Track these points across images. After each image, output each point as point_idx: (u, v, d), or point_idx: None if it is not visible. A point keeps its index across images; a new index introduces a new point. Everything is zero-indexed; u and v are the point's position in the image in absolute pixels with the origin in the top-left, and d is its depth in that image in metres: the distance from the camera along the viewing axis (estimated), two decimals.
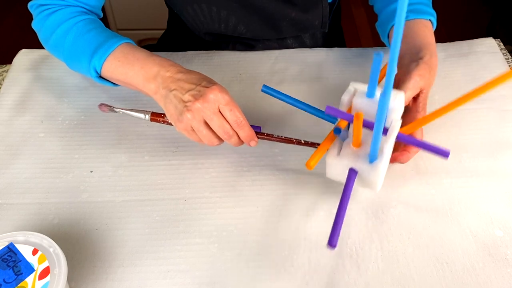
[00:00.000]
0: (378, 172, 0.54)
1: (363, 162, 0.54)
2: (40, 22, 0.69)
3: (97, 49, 0.63)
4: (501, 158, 0.66)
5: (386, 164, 0.55)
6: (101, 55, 0.63)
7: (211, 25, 0.82)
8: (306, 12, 0.79)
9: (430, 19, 0.70)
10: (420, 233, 0.59)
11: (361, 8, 2.24)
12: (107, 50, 0.63)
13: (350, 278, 0.55)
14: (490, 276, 0.55)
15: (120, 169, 0.66)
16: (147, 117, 0.65)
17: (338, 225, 0.51)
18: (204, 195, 0.63)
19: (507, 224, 0.59)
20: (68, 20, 0.67)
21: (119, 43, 0.64)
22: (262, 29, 0.82)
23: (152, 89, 0.61)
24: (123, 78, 0.63)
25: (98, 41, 0.64)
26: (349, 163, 0.54)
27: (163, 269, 0.56)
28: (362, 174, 0.55)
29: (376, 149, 0.52)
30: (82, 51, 0.65)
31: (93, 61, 0.64)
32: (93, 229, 0.60)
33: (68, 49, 0.66)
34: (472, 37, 0.86)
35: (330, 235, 0.50)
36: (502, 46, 0.83)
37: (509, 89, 0.75)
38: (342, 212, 0.52)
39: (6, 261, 0.50)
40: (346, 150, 0.56)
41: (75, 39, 0.66)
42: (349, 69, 0.80)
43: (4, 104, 0.74)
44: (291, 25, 0.81)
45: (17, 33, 2.07)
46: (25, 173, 0.66)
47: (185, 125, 0.58)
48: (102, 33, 0.66)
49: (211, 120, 0.58)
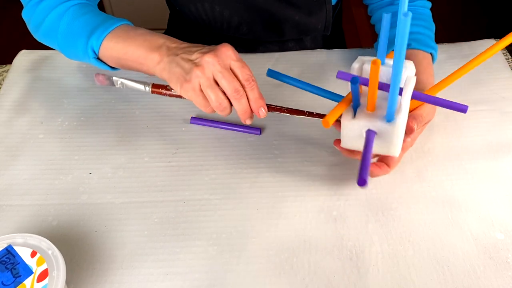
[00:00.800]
0: (399, 128, 0.52)
1: (381, 122, 0.53)
2: (31, 9, 0.66)
3: (95, 29, 0.61)
4: (502, 160, 0.66)
5: (404, 122, 0.53)
6: (100, 34, 0.60)
7: (213, 24, 0.81)
8: (309, 15, 0.79)
9: (432, 52, 0.70)
10: (420, 236, 0.59)
11: (361, 8, 2.24)
12: (106, 29, 0.61)
13: (350, 281, 0.55)
14: (491, 279, 0.55)
15: (119, 170, 0.66)
16: (148, 89, 0.62)
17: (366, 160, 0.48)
18: (203, 197, 0.63)
19: (508, 227, 0.59)
20: (62, 4, 0.64)
21: (119, 24, 0.62)
22: (265, 30, 0.81)
23: (155, 59, 0.58)
24: (122, 54, 0.60)
25: (96, 22, 0.62)
26: (367, 124, 0.53)
27: (162, 271, 0.56)
28: (381, 134, 0.53)
29: (394, 105, 0.51)
30: (79, 32, 0.62)
31: (90, 41, 0.61)
32: (92, 231, 0.60)
33: (63, 33, 0.64)
34: (472, 37, 0.86)
35: (360, 171, 0.47)
36: None
37: (509, 91, 0.75)
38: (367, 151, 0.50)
39: (5, 263, 0.50)
40: (362, 113, 0.54)
41: (71, 22, 0.63)
42: (349, 70, 0.79)
43: (3, 105, 0.74)
44: (294, 28, 0.81)
45: (17, 34, 2.07)
46: (24, 174, 0.65)
47: (193, 84, 0.54)
48: (99, 15, 0.63)
49: (222, 74, 0.54)
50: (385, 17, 0.49)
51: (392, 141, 0.54)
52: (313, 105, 0.65)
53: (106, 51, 0.61)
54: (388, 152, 0.56)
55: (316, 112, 0.62)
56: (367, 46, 0.85)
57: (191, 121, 0.71)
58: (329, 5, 0.78)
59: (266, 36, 0.83)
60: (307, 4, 0.78)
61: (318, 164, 0.66)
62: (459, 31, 1.99)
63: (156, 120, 0.72)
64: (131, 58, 0.60)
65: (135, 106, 0.74)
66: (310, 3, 0.78)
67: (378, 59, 0.47)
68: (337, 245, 0.58)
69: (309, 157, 0.67)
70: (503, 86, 0.76)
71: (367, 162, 0.49)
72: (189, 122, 0.72)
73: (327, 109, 0.62)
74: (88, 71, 0.79)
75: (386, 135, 0.54)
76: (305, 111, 0.61)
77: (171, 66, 0.56)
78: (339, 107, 0.54)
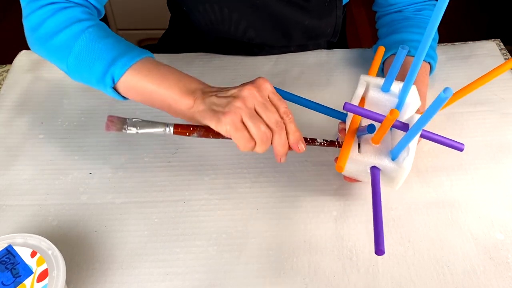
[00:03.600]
0: (405, 170, 0.52)
1: (387, 160, 0.53)
2: (39, 18, 0.60)
3: (119, 57, 0.56)
4: (501, 161, 0.66)
5: (411, 162, 0.53)
6: (124, 64, 0.55)
7: (221, 26, 0.80)
8: (319, 19, 0.79)
9: (430, 62, 0.70)
10: (420, 236, 0.59)
11: (361, 8, 2.24)
12: (132, 59, 0.55)
13: (350, 281, 0.55)
14: (490, 279, 0.55)
15: (119, 170, 0.66)
16: (169, 131, 0.54)
17: (379, 228, 0.48)
18: (203, 197, 0.63)
19: (508, 227, 0.59)
20: (80, 22, 0.58)
21: (144, 55, 0.57)
22: (272, 35, 0.81)
23: (188, 104, 0.53)
24: (149, 91, 0.55)
25: (119, 49, 0.57)
26: (373, 161, 0.53)
27: (162, 271, 0.56)
28: (385, 171, 0.54)
29: (403, 148, 0.51)
30: (99, 57, 0.57)
31: (112, 68, 0.55)
32: (92, 231, 0.60)
33: (78, 54, 0.58)
34: (472, 37, 0.86)
35: (375, 242, 0.47)
36: (502, 46, 0.83)
37: (509, 92, 0.75)
38: (378, 214, 0.50)
39: (5, 263, 0.50)
40: (367, 147, 0.54)
41: (89, 45, 0.58)
42: (350, 70, 0.80)
43: (3, 105, 0.74)
44: (303, 33, 0.81)
45: (17, 33, 2.07)
46: (25, 174, 0.65)
47: (232, 116, 0.50)
48: (121, 42, 0.59)
49: (264, 106, 0.51)
50: (401, 52, 0.49)
51: (394, 180, 0.54)
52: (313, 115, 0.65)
53: (128, 83, 0.56)
54: (388, 186, 0.56)
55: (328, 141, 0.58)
56: (367, 46, 0.85)
57: None
58: (340, 10, 0.78)
59: (272, 40, 0.82)
60: (318, 8, 0.77)
61: (318, 164, 0.66)
62: (459, 31, 1.99)
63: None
64: (159, 97, 0.55)
65: (135, 106, 0.74)
66: (321, 7, 0.78)
67: (396, 110, 0.46)
68: (337, 245, 0.58)
69: (309, 157, 0.67)
70: (503, 87, 0.76)
71: (380, 228, 0.48)
72: None
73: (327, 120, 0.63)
74: None
75: (390, 174, 0.54)
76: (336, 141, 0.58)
77: (206, 105, 0.52)
78: (347, 146, 0.53)
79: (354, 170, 0.56)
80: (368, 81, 0.57)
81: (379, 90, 0.56)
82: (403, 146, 0.51)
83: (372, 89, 0.56)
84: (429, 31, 0.44)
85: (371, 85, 0.57)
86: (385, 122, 0.50)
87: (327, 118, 0.62)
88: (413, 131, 0.48)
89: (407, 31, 0.73)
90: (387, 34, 0.76)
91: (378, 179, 0.53)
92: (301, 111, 0.65)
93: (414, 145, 0.53)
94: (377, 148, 0.54)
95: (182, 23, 0.91)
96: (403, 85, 0.52)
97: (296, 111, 0.71)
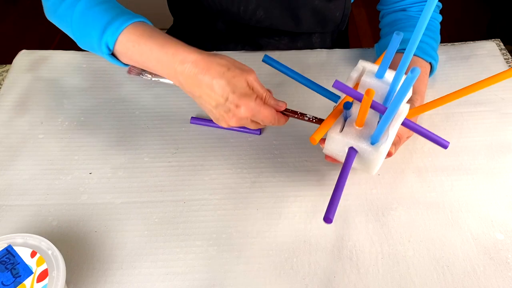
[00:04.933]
0: (380, 155, 0.53)
1: (365, 143, 0.54)
2: None
3: (109, 23, 0.58)
4: (501, 161, 0.66)
5: (387, 149, 0.55)
6: (114, 31, 0.57)
7: (230, 5, 0.80)
8: (329, 0, 0.79)
9: (431, 62, 0.70)
10: (420, 236, 0.59)
11: (361, 8, 2.24)
12: (121, 24, 0.58)
13: (350, 281, 0.55)
14: (490, 279, 0.55)
15: (119, 170, 0.66)
16: None
17: (335, 199, 0.50)
18: (203, 197, 0.63)
19: (508, 227, 0.59)
20: None
21: (134, 20, 0.59)
22: (282, 16, 0.81)
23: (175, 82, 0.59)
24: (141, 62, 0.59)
25: (110, 15, 0.58)
26: (351, 142, 0.54)
27: (162, 271, 0.56)
28: (362, 154, 0.54)
29: (382, 132, 0.52)
30: (93, 24, 0.58)
31: (105, 36, 0.58)
32: (92, 231, 0.60)
33: (77, 22, 0.60)
34: (472, 37, 0.86)
35: (327, 209, 0.50)
36: (502, 46, 0.83)
37: (509, 92, 0.75)
38: (340, 188, 0.52)
39: (5, 263, 0.50)
40: (349, 128, 0.55)
41: (85, 11, 0.59)
42: (350, 70, 0.80)
43: (3, 105, 0.74)
44: (312, 15, 0.81)
45: (17, 33, 2.07)
46: (24, 174, 0.65)
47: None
48: (114, 8, 0.60)
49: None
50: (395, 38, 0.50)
51: (371, 164, 0.55)
52: (313, 102, 0.65)
53: (122, 50, 0.59)
54: (365, 170, 0.57)
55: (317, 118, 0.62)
56: (367, 46, 0.85)
57: (191, 121, 0.71)
58: None
59: (282, 23, 0.82)
60: None
61: (318, 164, 0.66)
62: (459, 31, 1.99)
63: (156, 120, 0.72)
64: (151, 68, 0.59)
65: (135, 106, 0.74)
66: None
67: (371, 89, 0.48)
68: (337, 245, 0.58)
69: (309, 157, 0.67)
70: (503, 87, 0.76)
71: (336, 200, 0.50)
72: (189, 122, 0.72)
73: (326, 108, 0.63)
74: (88, 71, 0.79)
75: (367, 157, 0.54)
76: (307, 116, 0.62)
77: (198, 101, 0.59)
78: (326, 124, 0.55)
79: (335, 150, 0.57)
80: (364, 66, 0.58)
81: (373, 76, 0.56)
82: (382, 129, 0.51)
83: (366, 74, 0.57)
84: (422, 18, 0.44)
85: (367, 70, 0.57)
86: (363, 102, 0.50)
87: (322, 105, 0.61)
88: (389, 113, 0.48)
89: (410, 31, 0.73)
90: (390, 33, 0.76)
91: (351, 160, 0.54)
92: (298, 101, 0.65)
93: (394, 131, 0.53)
94: (359, 131, 0.55)
95: (188, 18, 0.91)
96: (395, 73, 0.52)
97: (292, 102, 0.71)
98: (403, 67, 0.51)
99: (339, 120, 0.56)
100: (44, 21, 0.71)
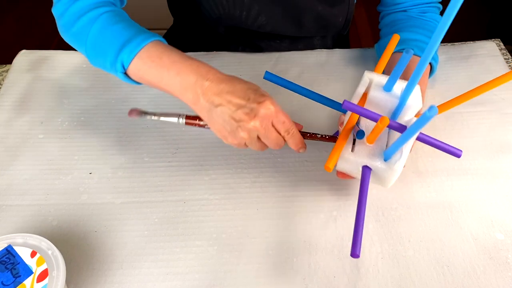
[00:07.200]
0: (395, 172, 0.53)
1: (379, 161, 0.53)
2: (63, 6, 0.62)
3: (127, 42, 0.57)
4: (502, 161, 0.66)
5: (402, 165, 0.53)
6: (132, 50, 0.57)
7: (232, 10, 0.80)
8: (332, 6, 0.79)
9: (431, 62, 0.70)
10: (420, 236, 0.59)
11: (361, 8, 2.24)
12: (138, 45, 0.57)
13: (350, 281, 0.55)
14: (490, 279, 0.55)
15: (119, 170, 0.66)
16: (182, 121, 0.59)
17: (358, 232, 0.49)
18: (203, 197, 0.63)
19: (508, 227, 0.59)
20: (95, 9, 0.60)
21: (151, 40, 0.58)
22: (284, 22, 0.80)
23: (190, 99, 0.56)
24: (156, 82, 0.57)
25: (128, 34, 0.58)
26: (365, 161, 0.54)
27: (162, 271, 0.56)
28: (377, 171, 0.54)
29: (396, 150, 0.51)
30: (110, 43, 0.58)
31: (121, 54, 0.57)
32: (92, 231, 0.60)
33: (92, 41, 0.60)
34: (472, 37, 0.86)
35: (352, 244, 0.48)
36: (502, 46, 0.83)
37: (509, 92, 0.75)
38: (360, 220, 0.50)
39: (5, 263, 0.50)
40: (361, 146, 0.54)
41: (101, 31, 0.59)
42: (350, 70, 0.80)
43: (3, 105, 0.74)
44: (315, 21, 0.80)
45: (17, 33, 2.07)
46: (24, 174, 0.65)
47: (238, 141, 0.56)
48: (131, 27, 0.60)
49: (266, 137, 0.56)
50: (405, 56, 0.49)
51: (385, 180, 0.55)
52: (314, 102, 0.65)
53: (137, 70, 0.58)
54: (380, 184, 0.57)
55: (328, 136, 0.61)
56: (367, 46, 0.85)
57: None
58: None
59: (284, 29, 0.82)
60: None
61: (318, 164, 0.66)
62: (459, 31, 1.99)
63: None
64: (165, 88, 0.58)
65: (135, 106, 0.74)
66: None
67: (386, 117, 0.47)
68: (337, 245, 0.58)
69: (309, 157, 0.67)
70: (503, 87, 0.75)
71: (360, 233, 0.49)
72: None
73: (327, 112, 0.62)
74: (88, 71, 0.79)
75: (382, 174, 0.54)
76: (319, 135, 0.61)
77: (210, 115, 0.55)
78: (338, 148, 0.54)
79: (348, 169, 0.56)
80: (371, 78, 0.57)
81: (381, 90, 0.56)
82: (397, 148, 0.51)
83: (374, 88, 0.56)
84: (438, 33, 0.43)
85: (374, 83, 0.56)
86: (375, 128, 0.50)
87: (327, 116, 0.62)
88: (406, 136, 0.48)
89: (410, 31, 0.73)
90: (390, 33, 0.76)
91: (368, 180, 0.53)
92: (301, 112, 0.66)
93: (408, 148, 0.53)
94: (370, 148, 0.54)
95: (188, 20, 0.91)
96: (406, 87, 0.51)
97: (295, 113, 0.71)
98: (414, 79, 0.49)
99: (349, 139, 0.55)
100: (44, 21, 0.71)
